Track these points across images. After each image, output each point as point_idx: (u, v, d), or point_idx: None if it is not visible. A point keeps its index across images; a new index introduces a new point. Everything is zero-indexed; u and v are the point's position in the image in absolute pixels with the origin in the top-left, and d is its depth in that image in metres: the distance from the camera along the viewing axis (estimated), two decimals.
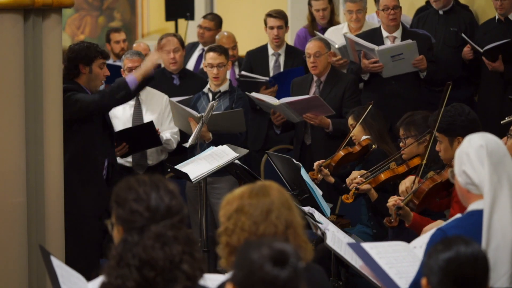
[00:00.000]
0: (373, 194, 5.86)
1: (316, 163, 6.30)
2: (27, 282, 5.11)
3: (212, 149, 6.26)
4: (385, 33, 7.45)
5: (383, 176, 5.84)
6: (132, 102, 7.08)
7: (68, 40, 12.68)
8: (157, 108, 7.09)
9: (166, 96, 7.15)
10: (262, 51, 8.10)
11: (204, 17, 9.22)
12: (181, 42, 7.78)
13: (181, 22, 12.06)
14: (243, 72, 7.82)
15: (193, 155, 6.46)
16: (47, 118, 5.16)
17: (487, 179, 3.43)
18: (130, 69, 7.03)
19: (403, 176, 5.85)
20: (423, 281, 2.91)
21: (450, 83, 5.37)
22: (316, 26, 8.46)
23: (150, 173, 6.82)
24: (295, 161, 5.94)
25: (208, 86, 7.16)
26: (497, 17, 7.53)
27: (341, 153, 6.33)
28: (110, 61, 9.48)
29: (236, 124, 6.81)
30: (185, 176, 6.10)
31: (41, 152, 5.15)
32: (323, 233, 4.73)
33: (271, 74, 7.93)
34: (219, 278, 3.38)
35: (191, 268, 2.85)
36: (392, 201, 5.19)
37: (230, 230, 3.21)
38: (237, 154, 6.10)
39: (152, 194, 2.93)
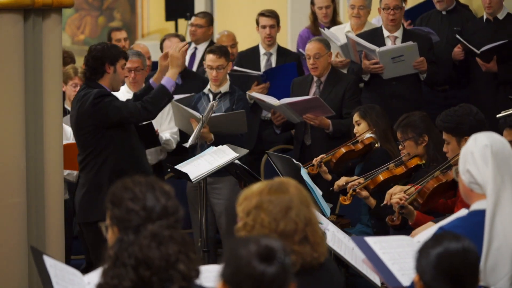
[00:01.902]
0: (371, 201, 5.84)
1: (316, 159, 6.31)
2: (27, 282, 5.10)
3: (212, 149, 6.25)
4: (386, 33, 7.44)
5: (381, 177, 5.83)
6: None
7: (68, 40, 12.68)
8: None
9: None
10: (253, 51, 8.11)
11: (196, 15, 9.25)
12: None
13: (181, 22, 12.07)
14: (235, 67, 7.81)
15: (193, 155, 6.45)
16: (47, 118, 5.16)
17: (490, 179, 3.42)
18: (129, 70, 7.01)
19: (402, 177, 5.85)
20: (415, 278, 2.93)
21: None
22: (318, 26, 8.45)
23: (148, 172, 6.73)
24: (295, 161, 5.94)
25: (208, 87, 7.16)
26: (485, 17, 7.53)
27: (343, 150, 6.33)
28: None
29: (237, 125, 6.81)
30: (185, 176, 6.10)
31: (41, 152, 5.15)
32: (323, 233, 4.72)
33: None
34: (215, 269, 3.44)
35: (187, 268, 2.84)
36: (396, 198, 5.18)
37: (249, 226, 3.22)
38: (237, 154, 6.10)
39: (148, 194, 2.93)
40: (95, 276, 3.42)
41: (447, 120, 5.30)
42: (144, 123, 6.87)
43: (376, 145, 6.33)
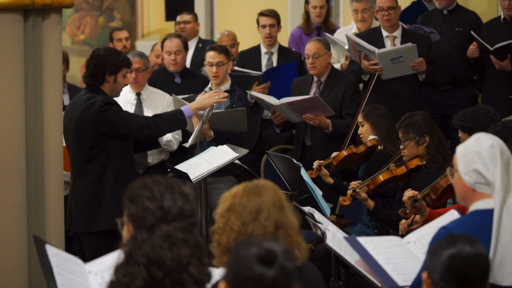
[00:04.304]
0: (370, 204, 5.83)
1: (316, 162, 6.30)
2: (27, 282, 5.11)
3: (212, 149, 6.25)
4: (385, 33, 7.44)
5: (382, 178, 5.83)
6: (133, 101, 7.09)
7: (68, 40, 12.68)
8: (158, 108, 7.07)
9: (168, 96, 7.14)
10: (254, 50, 8.12)
11: (180, 13, 9.32)
12: (184, 43, 7.78)
13: None
14: (235, 67, 7.83)
15: (193, 155, 6.45)
16: (47, 118, 5.15)
17: (498, 178, 3.44)
18: (131, 70, 7.01)
19: (402, 177, 5.85)
20: (424, 275, 2.93)
21: None
22: (310, 26, 8.45)
23: (150, 172, 6.76)
24: (295, 161, 5.94)
25: (209, 85, 7.17)
26: (502, 16, 7.52)
27: (344, 153, 6.32)
28: None
29: (237, 123, 6.81)
30: (185, 176, 6.10)
31: (41, 152, 5.15)
32: (323, 233, 4.72)
33: None
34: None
35: (198, 272, 2.84)
36: (408, 194, 5.19)
37: (221, 229, 3.22)
38: (237, 154, 6.10)
39: (166, 195, 2.92)
40: (95, 265, 3.44)
41: (464, 119, 5.32)
42: None
43: (379, 147, 6.32)
